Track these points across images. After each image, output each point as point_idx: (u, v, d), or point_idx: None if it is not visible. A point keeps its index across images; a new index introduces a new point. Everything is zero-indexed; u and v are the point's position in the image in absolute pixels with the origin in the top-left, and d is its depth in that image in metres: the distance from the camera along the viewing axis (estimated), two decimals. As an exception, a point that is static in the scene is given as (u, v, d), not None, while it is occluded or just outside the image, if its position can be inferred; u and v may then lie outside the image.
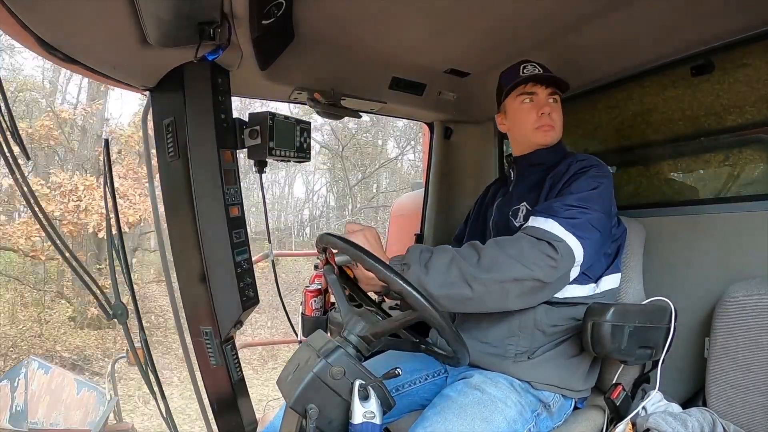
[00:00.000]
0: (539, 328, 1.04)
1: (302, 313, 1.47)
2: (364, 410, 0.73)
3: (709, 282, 1.17)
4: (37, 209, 0.92)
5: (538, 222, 0.95)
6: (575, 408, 1.12)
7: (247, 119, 1.22)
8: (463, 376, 1.06)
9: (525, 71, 1.16)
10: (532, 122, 1.16)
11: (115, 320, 1.14)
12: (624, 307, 0.96)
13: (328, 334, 0.87)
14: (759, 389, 0.98)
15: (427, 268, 0.89)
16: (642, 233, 1.23)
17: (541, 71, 1.16)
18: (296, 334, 1.59)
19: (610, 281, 1.07)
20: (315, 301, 1.46)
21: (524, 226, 0.98)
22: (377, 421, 0.73)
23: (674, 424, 0.93)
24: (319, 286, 1.48)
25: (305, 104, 1.48)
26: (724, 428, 0.96)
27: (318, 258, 0.95)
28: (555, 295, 0.99)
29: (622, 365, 1.08)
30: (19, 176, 0.87)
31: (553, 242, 0.90)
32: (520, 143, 1.24)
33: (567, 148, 1.23)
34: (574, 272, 0.97)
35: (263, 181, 1.37)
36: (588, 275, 1.05)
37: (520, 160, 1.23)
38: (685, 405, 1.06)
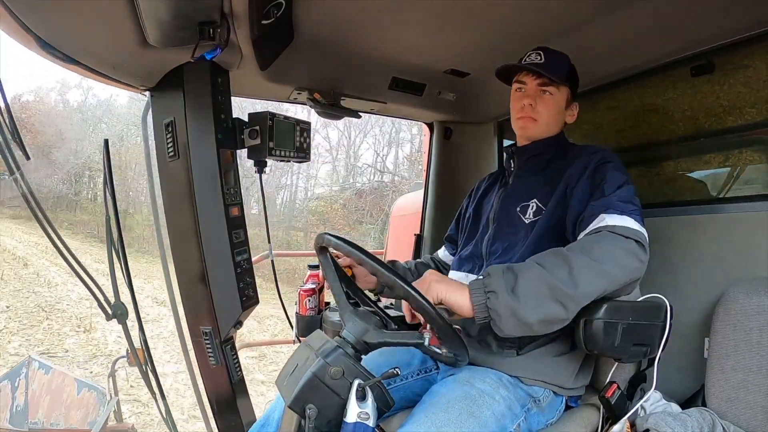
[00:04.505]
0: None
1: (297, 312, 1.46)
2: (359, 411, 0.73)
3: (710, 282, 1.17)
4: (36, 209, 0.92)
5: (615, 220, 0.90)
6: (569, 407, 1.11)
7: (246, 119, 1.22)
8: (452, 372, 1.05)
9: (528, 59, 1.11)
10: (515, 112, 1.15)
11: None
12: (617, 303, 0.94)
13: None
14: (759, 389, 0.97)
15: (516, 294, 0.80)
16: None
17: (543, 60, 1.10)
18: (293, 330, 1.58)
19: None
20: (309, 300, 1.46)
21: (606, 225, 0.90)
22: (371, 423, 0.73)
23: (673, 424, 0.92)
24: (314, 286, 1.47)
25: (305, 104, 1.48)
26: (723, 429, 0.96)
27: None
28: None
29: (617, 363, 1.07)
30: (19, 176, 0.87)
31: (640, 240, 0.87)
32: (516, 131, 1.22)
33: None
34: None
35: (262, 180, 1.37)
36: None
37: (520, 150, 1.20)
38: (685, 405, 1.06)
